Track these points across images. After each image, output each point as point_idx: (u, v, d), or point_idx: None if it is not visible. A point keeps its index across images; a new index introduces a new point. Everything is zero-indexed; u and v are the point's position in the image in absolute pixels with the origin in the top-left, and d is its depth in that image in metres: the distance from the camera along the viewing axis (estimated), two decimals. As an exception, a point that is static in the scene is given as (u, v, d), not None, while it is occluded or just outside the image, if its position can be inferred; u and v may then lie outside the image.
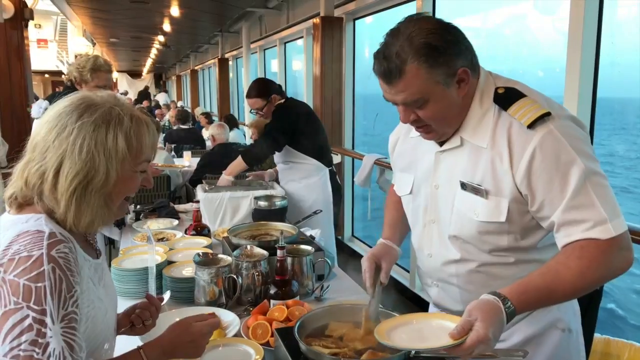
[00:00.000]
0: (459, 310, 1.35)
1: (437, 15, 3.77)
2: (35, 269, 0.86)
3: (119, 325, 1.19)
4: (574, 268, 1.11)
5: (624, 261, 1.13)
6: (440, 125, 1.25)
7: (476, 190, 1.23)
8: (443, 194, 1.32)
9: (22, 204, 0.99)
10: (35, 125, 1.01)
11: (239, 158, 3.18)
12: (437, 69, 1.15)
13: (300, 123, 3.16)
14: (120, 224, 2.80)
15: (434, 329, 1.14)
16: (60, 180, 0.95)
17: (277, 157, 3.34)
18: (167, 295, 1.45)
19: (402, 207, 1.52)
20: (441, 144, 1.31)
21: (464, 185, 1.26)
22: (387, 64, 1.16)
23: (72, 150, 0.95)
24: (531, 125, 1.15)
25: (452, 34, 1.17)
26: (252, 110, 3.28)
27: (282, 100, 3.23)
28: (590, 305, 1.36)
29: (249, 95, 3.21)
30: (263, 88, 3.21)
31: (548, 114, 1.15)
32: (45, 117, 0.99)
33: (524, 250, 1.26)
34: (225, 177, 3.17)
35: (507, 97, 1.21)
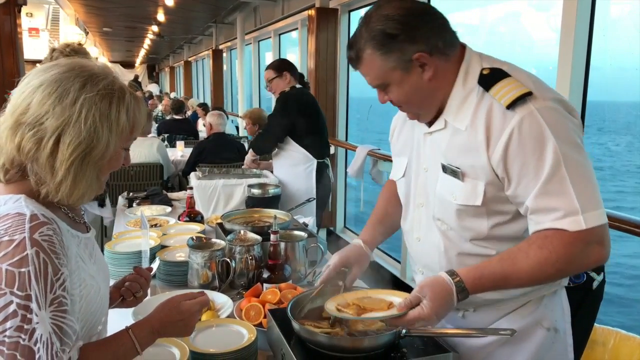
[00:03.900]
0: None
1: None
2: (18, 254, 0.84)
3: (110, 300, 1.18)
4: (532, 258, 1.09)
5: (592, 256, 1.09)
6: (410, 107, 1.27)
7: (454, 173, 1.22)
8: (430, 177, 1.31)
9: (8, 179, 0.96)
10: (22, 88, 0.96)
11: (251, 150, 3.55)
12: (390, 55, 1.17)
13: (300, 112, 3.21)
14: (102, 203, 2.82)
15: (382, 302, 1.21)
16: (60, 148, 0.92)
17: None
18: (155, 264, 1.45)
19: (392, 203, 1.53)
20: (430, 125, 1.29)
21: (444, 168, 1.25)
22: (349, 51, 1.23)
23: (78, 118, 0.92)
24: (511, 106, 1.11)
25: (412, 19, 1.16)
26: (267, 85, 3.43)
27: (289, 88, 3.28)
28: (582, 305, 1.32)
29: (266, 67, 3.45)
30: (278, 63, 3.44)
31: (529, 94, 1.11)
32: (37, 81, 0.95)
33: (507, 241, 1.22)
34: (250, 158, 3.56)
35: (491, 77, 1.17)
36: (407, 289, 1.55)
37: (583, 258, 1.09)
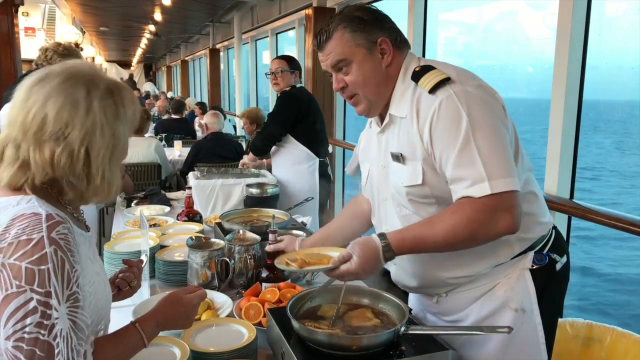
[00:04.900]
0: (414, 286, 1.46)
1: (429, 9, 3.91)
2: (37, 252, 0.86)
3: None
4: (446, 222, 1.22)
5: (500, 223, 1.18)
6: (366, 92, 1.38)
7: (398, 158, 1.35)
8: (388, 171, 1.42)
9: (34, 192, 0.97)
10: (24, 105, 0.96)
11: (250, 153, 3.52)
12: (358, 33, 1.34)
13: (300, 112, 3.22)
14: None
15: (325, 257, 1.38)
16: (92, 156, 0.96)
17: None
18: (145, 258, 1.51)
19: (349, 214, 1.71)
20: (381, 125, 1.43)
21: (392, 156, 1.37)
22: (319, 34, 1.39)
23: (98, 125, 0.96)
24: (432, 91, 1.26)
25: (379, 14, 1.37)
26: (268, 73, 3.40)
27: (289, 88, 3.29)
28: (547, 286, 1.37)
29: (278, 57, 3.42)
30: (293, 60, 3.41)
31: (448, 79, 1.26)
32: (40, 96, 0.95)
33: None
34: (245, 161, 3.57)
35: (420, 72, 1.32)
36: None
37: (491, 224, 1.19)
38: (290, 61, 3.35)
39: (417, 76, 1.32)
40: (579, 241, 8.89)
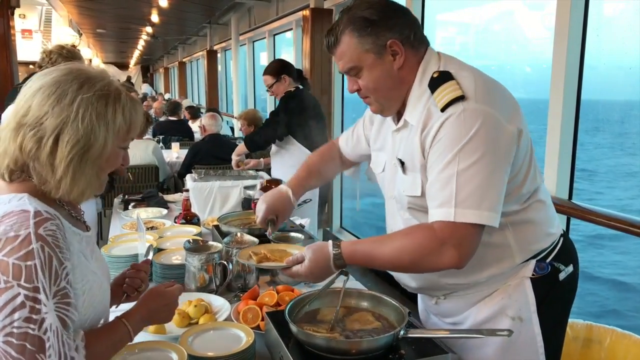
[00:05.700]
0: (414, 286, 1.47)
1: (427, 9, 3.83)
2: (23, 248, 0.87)
3: (114, 298, 1.23)
4: (396, 243, 1.22)
5: (445, 257, 1.15)
6: (378, 96, 1.34)
7: (402, 166, 1.34)
8: (396, 172, 1.40)
9: (13, 179, 0.99)
10: (22, 91, 1.00)
11: (242, 144, 3.44)
12: (366, 37, 1.27)
13: (302, 114, 3.21)
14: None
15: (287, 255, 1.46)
16: (59, 146, 0.95)
17: None
18: (150, 255, 1.48)
19: (325, 160, 1.82)
20: (397, 124, 1.39)
21: (399, 162, 1.36)
22: (328, 36, 1.33)
23: (75, 118, 0.95)
24: (443, 109, 1.20)
25: (390, 10, 1.28)
26: (267, 89, 3.38)
27: (293, 89, 3.27)
28: (548, 295, 1.34)
29: (264, 73, 3.36)
30: (275, 67, 3.35)
31: (462, 97, 1.18)
32: (37, 84, 0.98)
33: None
34: (235, 158, 3.53)
35: (437, 80, 1.25)
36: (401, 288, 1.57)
37: (435, 255, 1.16)
38: (273, 72, 3.29)
39: (434, 85, 1.25)
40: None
